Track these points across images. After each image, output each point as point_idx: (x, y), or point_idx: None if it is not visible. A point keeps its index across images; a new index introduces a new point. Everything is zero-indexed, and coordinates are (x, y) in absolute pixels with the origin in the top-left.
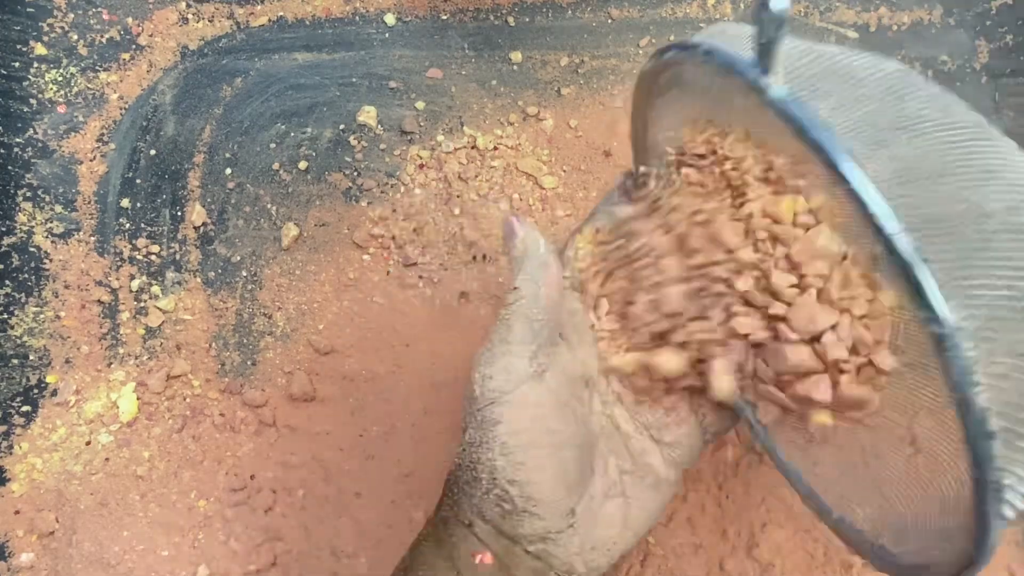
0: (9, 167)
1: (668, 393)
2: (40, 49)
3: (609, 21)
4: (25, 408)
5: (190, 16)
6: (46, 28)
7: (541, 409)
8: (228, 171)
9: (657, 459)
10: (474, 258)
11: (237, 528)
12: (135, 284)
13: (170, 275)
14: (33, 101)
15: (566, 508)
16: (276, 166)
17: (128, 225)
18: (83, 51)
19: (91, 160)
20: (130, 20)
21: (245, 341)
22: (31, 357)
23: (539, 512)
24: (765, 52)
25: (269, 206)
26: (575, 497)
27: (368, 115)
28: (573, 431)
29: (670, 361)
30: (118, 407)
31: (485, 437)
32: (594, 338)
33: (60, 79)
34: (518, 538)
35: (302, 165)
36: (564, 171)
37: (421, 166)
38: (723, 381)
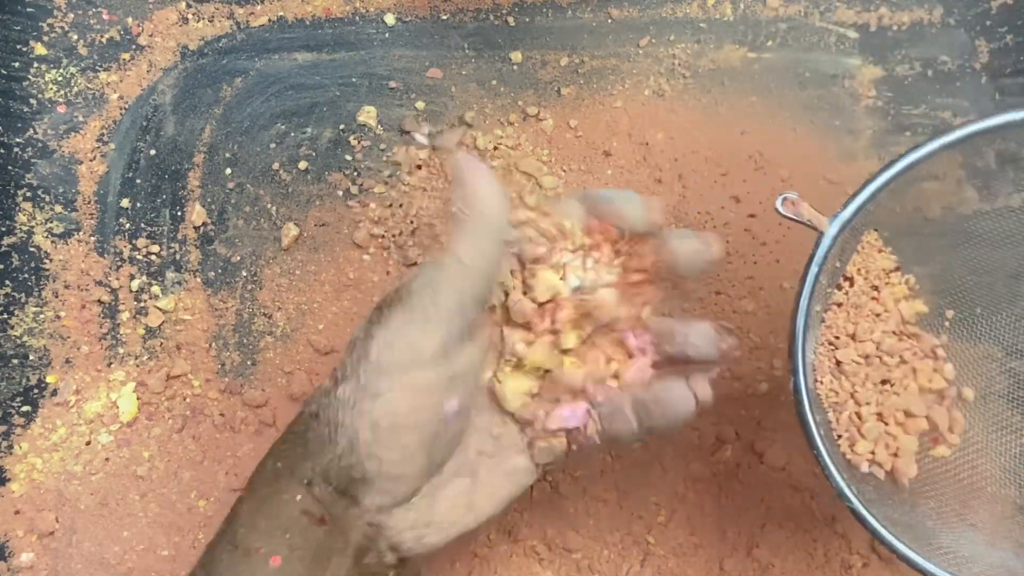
0: (9, 167)
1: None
2: (40, 49)
3: (609, 21)
4: (25, 408)
5: (190, 16)
6: (46, 28)
7: (429, 398)
8: (228, 171)
9: (520, 448)
10: None
11: None
12: (135, 284)
13: (170, 275)
14: (33, 101)
15: (415, 488)
16: (276, 166)
17: (128, 225)
18: (83, 51)
19: (91, 160)
20: (130, 20)
21: (245, 341)
22: (31, 357)
23: (386, 487)
24: None
25: (269, 206)
26: (426, 479)
27: (368, 115)
28: (454, 419)
29: (574, 372)
30: (118, 407)
31: (359, 404)
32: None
33: (60, 79)
34: (358, 503)
35: (302, 165)
36: (564, 171)
37: (420, 166)
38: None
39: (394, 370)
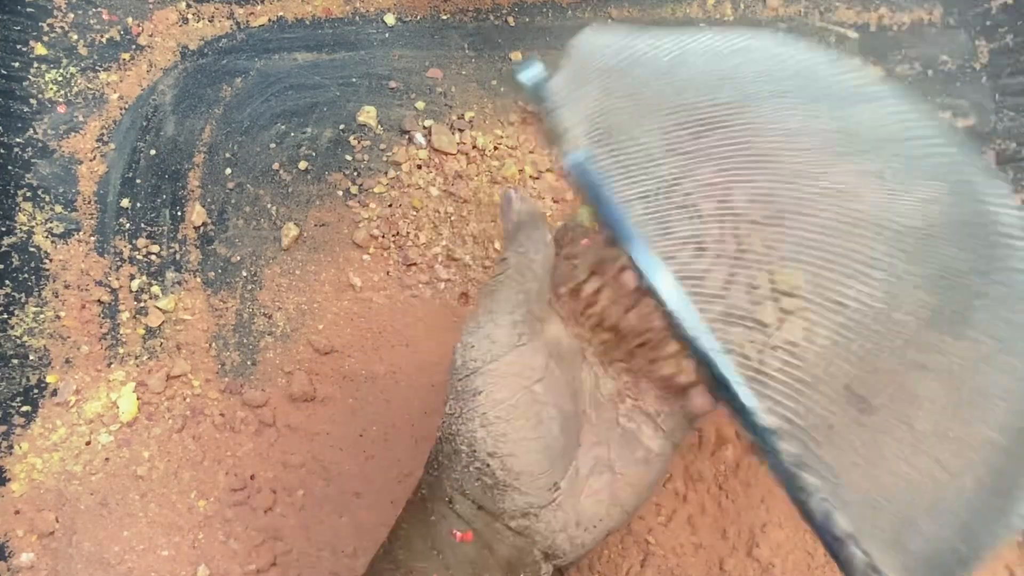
0: (9, 167)
1: (651, 362)
2: (40, 49)
3: (609, 21)
4: (25, 408)
5: (190, 16)
6: (46, 28)
7: (523, 379)
8: (228, 171)
9: (648, 432)
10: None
11: (237, 528)
12: (135, 284)
13: (170, 275)
14: (33, 101)
15: (549, 482)
16: (276, 166)
17: (128, 225)
18: (83, 51)
19: (91, 160)
20: (130, 20)
21: (245, 341)
22: (31, 357)
23: (521, 486)
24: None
25: (269, 206)
26: (559, 470)
27: (368, 115)
28: (557, 401)
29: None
30: (118, 407)
31: (465, 408)
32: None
33: (60, 79)
34: (499, 514)
35: (302, 165)
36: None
37: (420, 166)
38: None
39: (481, 366)
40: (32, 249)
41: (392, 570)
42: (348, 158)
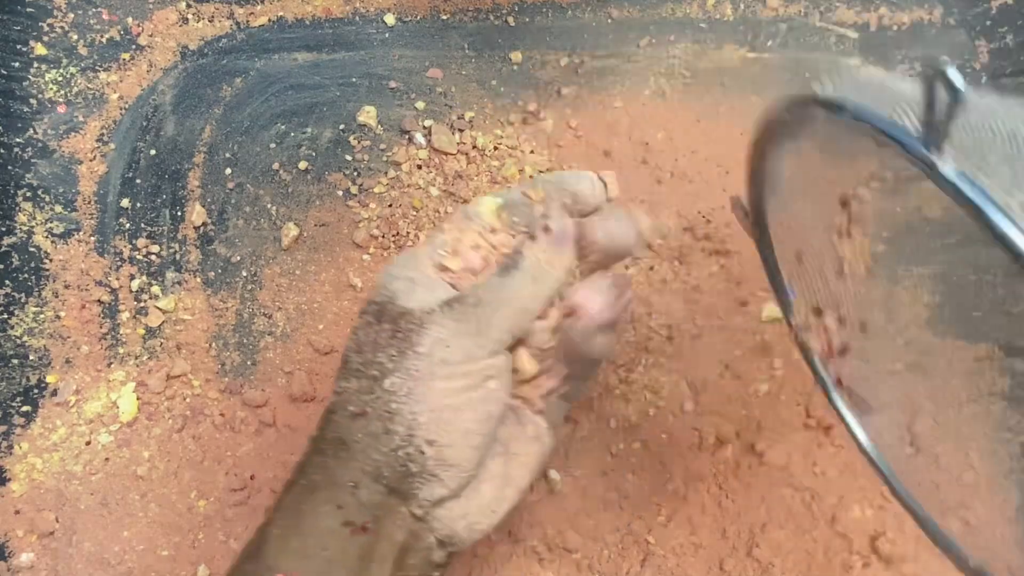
0: (9, 167)
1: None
2: (40, 49)
3: (609, 21)
4: (25, 408)
5: (190, 16)
6: (46, 28)
7: (485, 375)
8: (228, 171)
9: (535, 410)
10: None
11: (237, 528)
12: (135, 284)
13: (170, 275)
14: (33, 101)
15: (470, 474)
16: (276, 166)
17: (128, 225)
18: (83, 51)
19: (91, 160)
20: (130, 20)
21: (245, 341)
22: (31, 357)
23: (445, 476)
24: (934, 129)
25: (269, 206)
26: (478, 466)
27: (368, 115)
28: (503, 398)
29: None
30: (118, 407)
31: (416, 389)
32: None
33: (60, 79)
34: (410, 500)
35: (302, 165)
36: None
37: (420, 166)
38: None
39: (446, 364)
40: (32, 249)
41: (261, 574)
42: (348, 158)
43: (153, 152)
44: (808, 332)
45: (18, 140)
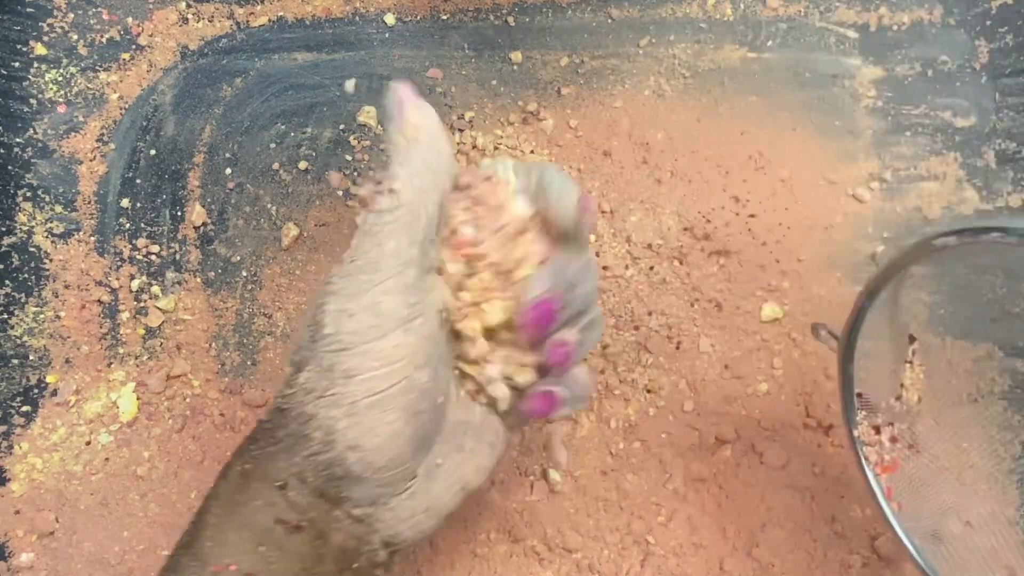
0: (9, 167)
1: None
2: (40, 49)
3: (609, 21)
4: (25, 408)
5: (190, 16)
6: (46, 28)
7: (408, 366)
8: (228, 171)
9: (496, 414)
10: None
11: None
12: (135, 284)
13: (170, 275)
14: (33, 101)
15: (409, 473)
16: (276, 166)
17: (128, 225)
18: (83, 51)
19: (91, 160)
20: (130, 20)
21: (245, 341)
22: (31, 357)
23: (377, 479)
24: None
25: (269, 206)
26: (420, 459)
27: (368, 115)
28: (437, 388)
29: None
30: (118, 407)
31: (331, 389)
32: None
33: (60, 79)
34: (342, 502)
35: (302, 165)
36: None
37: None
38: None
39: (359, 342)
40: (32, 249)
41: (198, 568)
42: (348, 158)
43: (153, 152)
44: (868, 446)
45: (18, 140)
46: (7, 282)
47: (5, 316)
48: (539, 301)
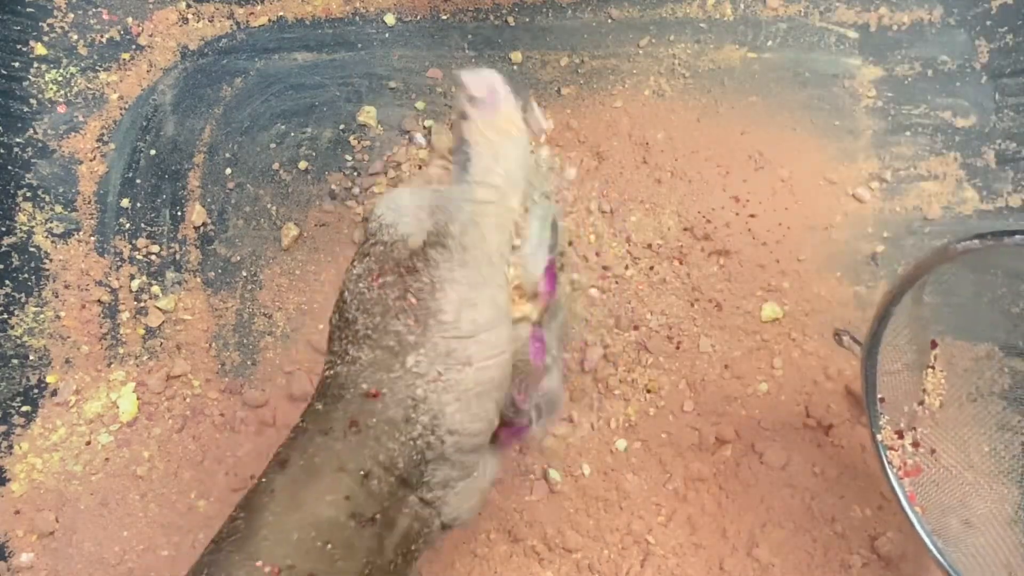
0: (9, 167)
1: None
2: (40, 49)
3: (609, 21)
4: (25, 408)
5: (190, 16)
6: (46, 28)
7: (507, 355)
8: (228, 171)
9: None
10: None
11: None
12: (135, 284)
13: (170, 275)
14: (33, 101)
15: (481, 457)
16: (276, 166)
17: (128, 225)
18: (83, 51)
19: (91, 160)
20: (130, 20)
21: (245, 341)
22: (31, 357)
23: (462, 461)
24: None
25: (269, 206)
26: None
27: (368, 115)
28: (509, 373)
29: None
30: (118, 407)
31: (447, 375)
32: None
33: (60, 79)
34: (421, 487)
35: (302, 165)
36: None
37: (421, 166)
38: None
39: (478, 331)
40: (32, 249)
41: (251, 569)
42: (348, 158)
43: (153, 152)
44: (891, 450)
45: (18, 140)
46: (7, 282)
47: (5, 316)
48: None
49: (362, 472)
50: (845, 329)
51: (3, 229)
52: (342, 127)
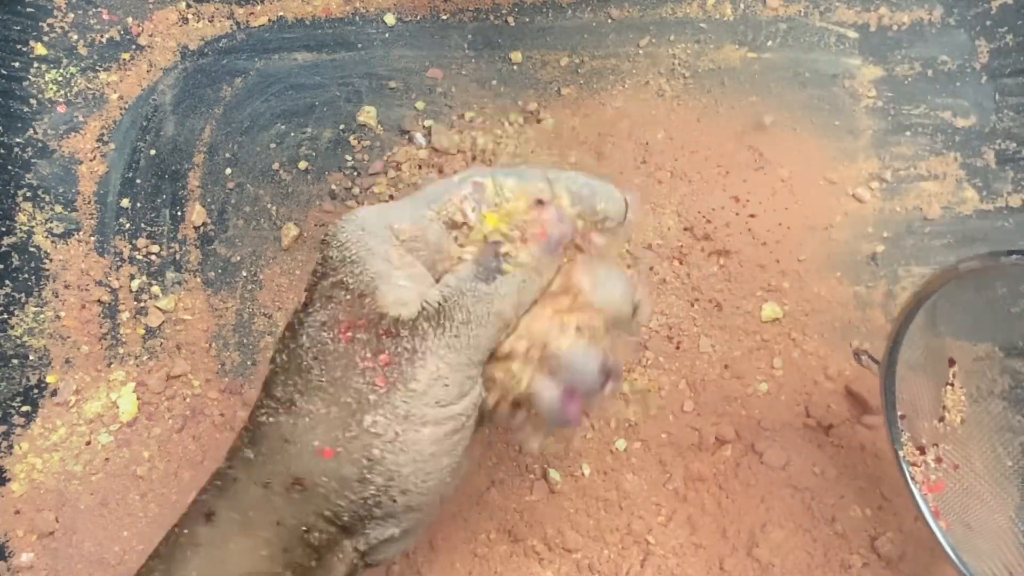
0: (9, 167)
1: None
2: (40, 49)
3: (609, 21)
4: (25, 408)
5: (190, 16)
6: (46, 28)
7: (465, 419)
8: (228, 171)
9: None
10: None
11: None
12: (135, 284)
13: (170, 275)
14: (33, 101)
15: (431, 516)
16: (276, 166)
17: (128, 225)
18: (83, 51)
19: (91, 160)
20: (130, 20)
21: (245, 341)
22: (31, 357)
23: (405, 519)
24: None
25: (269, 206)
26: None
27: (368, 115)
28: (470, 436)
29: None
30: (118, 407)
31: (403, 437)
32: None
33: (60, 79)
34: (358, 537)
35: (302, 165)
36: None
37: (420, 166)
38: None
39: (439, 403)
40: (32, 249)
41: None
42: (348, 158)
43: (153, 152)
44: (913, 466)
45: (18, 140)
46: (7, 282)
47: (5, 316)
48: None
49: (304, 528)
50: (864, 349)
51: (3, 229)
52: (342, 127)
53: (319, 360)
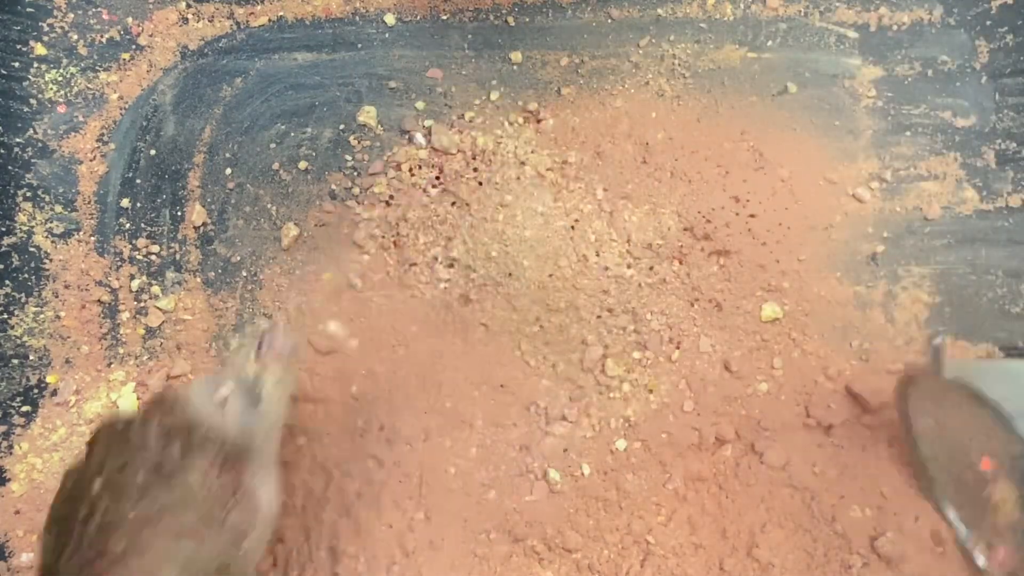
0: (9, 167)
1: None
2: (40, 49)
3: (609, 21)
4: (25, 408)
5: (190, 16)
6: (46, 28)
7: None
8: (228, 171)
9: None
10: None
11: None
12: (135, 284)
13: (170, 275)
14: (33, 101)
15: None
16: (276, 166)
17: (128, 225)
18: (83, 51)
19: (91, 160)
20: (130, 20)
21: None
22: (31, 357)
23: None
24: None
25: (269, 206)
26: None
27: (368, 115)
28: None
29: None
30: (118, 407)
31: (247, 545)
32: None
33: (60, 79)
34: None
35: (302, 165)
36: (564, 171)
37: (421, 166)
38: None
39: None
40: (32, 249)
41: None
42: (348, 158)
43: (153, 152)
44: (988, 563)
45: (18, 140)
46: (7, 282)
47: (5, 316)
48: None
49: None
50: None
51: (3, 229)
52: (342, 127)
53: (200, 496)
